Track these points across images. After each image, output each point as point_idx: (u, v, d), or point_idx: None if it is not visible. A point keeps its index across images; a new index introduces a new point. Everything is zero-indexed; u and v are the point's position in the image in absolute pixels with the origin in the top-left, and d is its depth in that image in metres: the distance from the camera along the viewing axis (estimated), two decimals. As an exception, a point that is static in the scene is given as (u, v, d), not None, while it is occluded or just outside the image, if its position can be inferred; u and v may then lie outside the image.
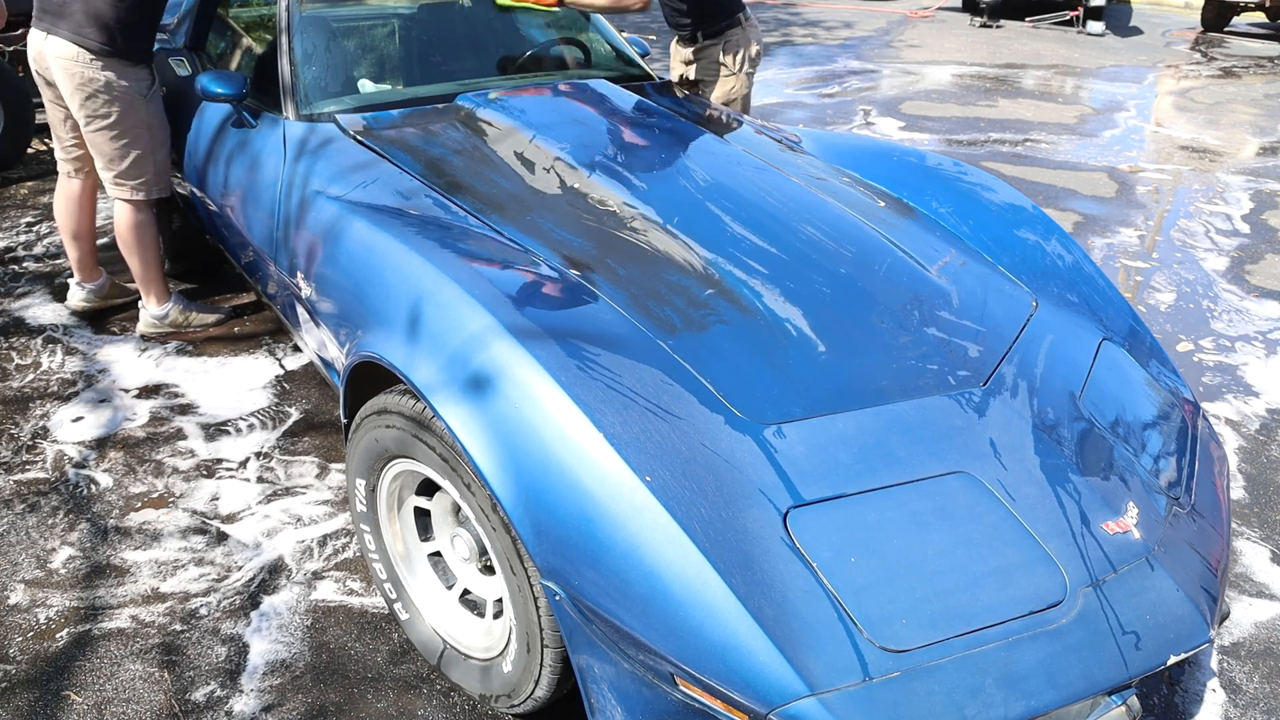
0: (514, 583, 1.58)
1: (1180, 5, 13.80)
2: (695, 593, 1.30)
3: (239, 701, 1.86)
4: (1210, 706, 1.92)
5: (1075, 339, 1.98)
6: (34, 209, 4.44)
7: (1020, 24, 11.51)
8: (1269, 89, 8.22)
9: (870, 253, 2.06)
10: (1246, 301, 3.82)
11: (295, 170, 2.34)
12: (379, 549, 1.96)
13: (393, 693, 1.89)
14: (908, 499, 1.47)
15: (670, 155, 2.27)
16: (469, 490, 1.61)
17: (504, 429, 1.49)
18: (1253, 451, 2.78)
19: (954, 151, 5.85)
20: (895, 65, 8.66)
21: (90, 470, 2.55)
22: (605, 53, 3.15)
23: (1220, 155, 6.00)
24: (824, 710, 1.22)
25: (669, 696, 1.37)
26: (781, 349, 1.71)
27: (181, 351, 3.17)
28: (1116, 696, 1.35)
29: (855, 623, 1.30)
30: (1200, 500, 1.72)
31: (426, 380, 1.60)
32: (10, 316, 3.38)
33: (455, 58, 2.96)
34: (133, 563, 2.22)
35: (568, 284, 1.79)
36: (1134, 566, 1.47)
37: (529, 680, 1.65)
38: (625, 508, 1.37)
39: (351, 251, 1.99)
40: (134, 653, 1.97)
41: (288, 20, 2.63)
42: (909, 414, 1.63)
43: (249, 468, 2.58)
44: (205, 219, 3.00)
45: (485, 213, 2.05)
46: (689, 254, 1.93)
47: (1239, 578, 2.28)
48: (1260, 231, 4.64)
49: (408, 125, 2.46)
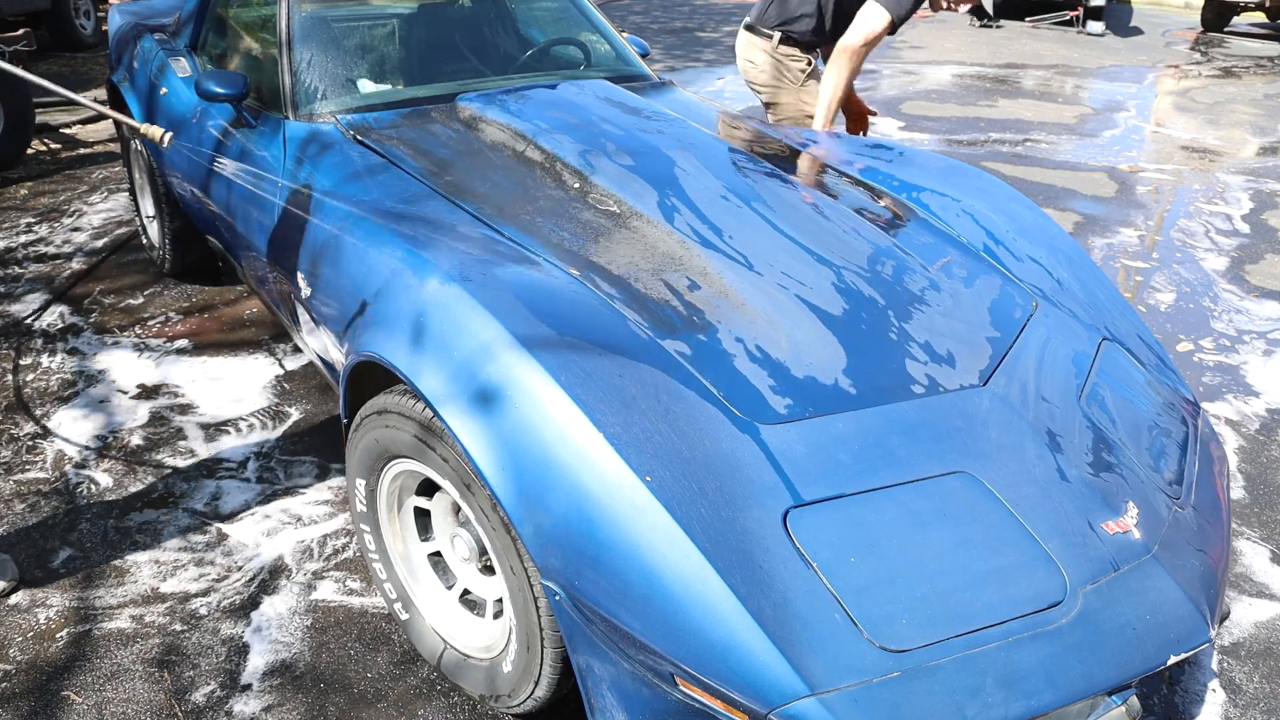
0: (514, 583, 1.58)
1: (1180, 5, 13.80)
2: (695, 593, 1.30)
3: (239, 702, 1.86)
4: (1210, 706, 1.92)
5: (1075, 339, 1.98)
6: (34, 209, 4.44)
7: (1020, 24, 11.51)
8: (1269, 89, 8.22)
9: (870, 252, 2.06)
10: (1246, 301, 3.82)
11: (295, 170, 2.34)
12: (379, 549, 1.96)
13: (393, 693, 1.89)
14: (908, 499, 1.47)
15: (670, 155, 2.27)
16: (469, 490, 1.61)
17: (504, 429, 1.49)
18: (1253, 451, 2.78)
19: (954, 151, 5.85)
20: (895, 65, 8.66)
21: (90, 470, 2.55)
22: (605, 53, 3.15)
23: (1220, 155, 6.00)
24: (824, 710, 1.22)
25: (669, 696, 1.37)
26: (781, 349, 1.71)
27: (182, 352, 3.17)
28: (1116, 696, 1.35)
29: (855, 623, 1.30)
30: (1200, 500, 1.72)
31: (428, 380, 1.60)
32: (10, 317, 3.38)
33: (455, 58, 2.96)
34: (133, 563, 2.22)
35: (568, 285, 1.79)
36: (1134, 566, 1.47)
37: (529, 680, 1.66)
38: (625, 508, 1.37)
39: (351, 252, 1.99)
40: (134, 653, 1.97)
41: (288, 21, 2.63)
42: (909, 414, 1.62)
43: (249, 468, 2.58)
44: (205, 219, 3.00)
45: (485, 213, 2.05)
46: (689, 254, 1.93)
47: (1239, 578, 2.28)
48: (1260, 231, 4.64)
49: (408, 125, 2.46)
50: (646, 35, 9.64)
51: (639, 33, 9.74)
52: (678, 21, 10.80)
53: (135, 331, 3.30)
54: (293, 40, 2.60)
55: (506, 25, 3.18)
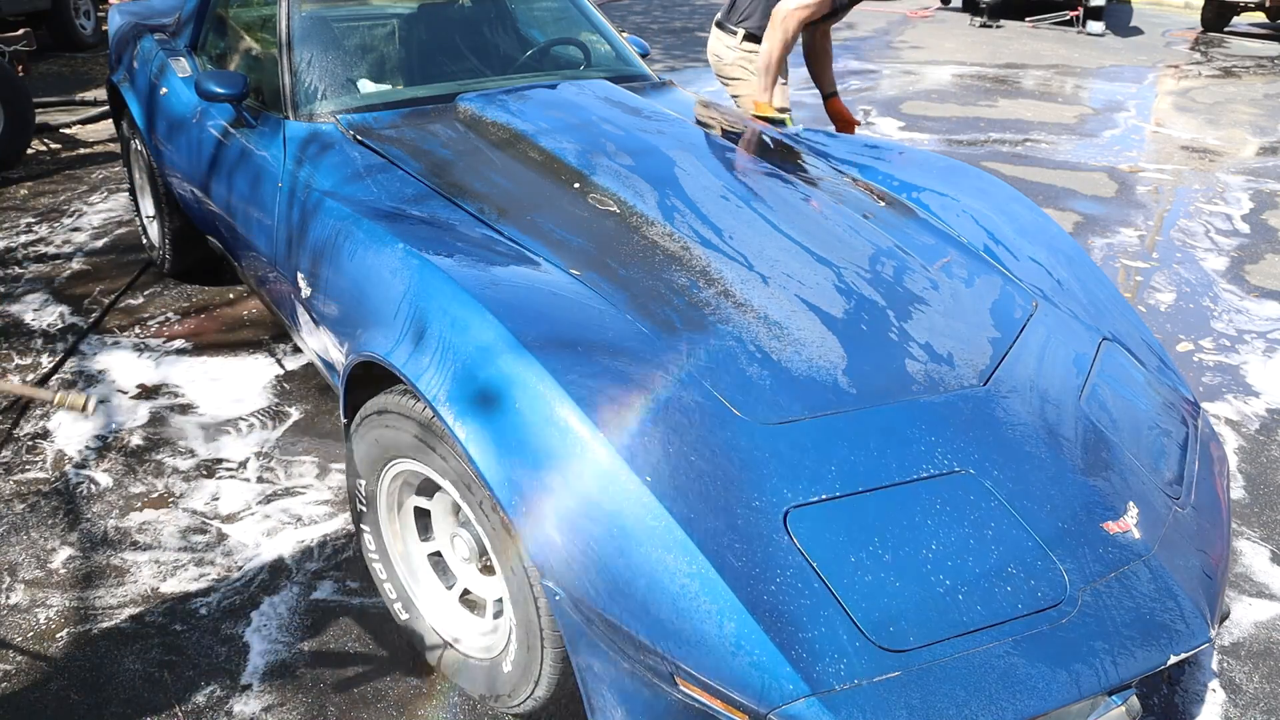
0: (514, 583, 1.58)
1: (1180, 5, 13.81)
2: (695, 593, 1.30)
3: (239, 702, 1.86)
4: (1210, 706, 1.92)
5: (1075, 339, 1.98)
6: (34, 209, 4.44)
7: (1020, 24, 11.51)
8: (1269, 89, 8.22)
9: (870, 253, 2.06)
10: (1246, 301, 3.82)
11: (295, 170, 2.34)
12: (379, 549, 1.96)
13: (393, 693, 1.89)
14: (908, 499, 1.47)
15: (670, 155, 2.28)
16: (469, 490, 1.61)
17: (504, 429, 1.49)
18: (1253, 451, 2.78)
19: (954, 151, 5.85)
20: (895, 65, 8.66)
21: (90, 470, 2.55)
22: (605, 53, 3.15)
23: (1220, 155, 6.00)
24: (824, 710, 1.22)
25: (669, 696, 1.37)
26: (781, 349, 1.71)
27: (182, 352, 3.17)
28: (1116, 696, 1.35)
29: (855, 623, 1.30)
30: (1200, 500, 1.72)
31: (428, 381, 1.60)
32: (10, 317, 3.38)
33: (455, 58, 2.96)
34: (133, 563, 2.22)
35: (568, 285, 1.79)
36: (1134, 566, 1.47)
37: (529, 680, 1.66)
38: (625, 508, 1.37)
39: (351, 252, 1.99)
40: (134, 653, 1.97)
41: (288, 21, 2.63)
42: (909, 414, 1.62)
43: (249, 468, 2.58)
44: (205, 219, 3.00)
45: (485, 213, 2.05)
46: (689, 254, 1.93)
47: (1239, 578, 2.28)
48: (1260, 231, 4.64)
49: (408, 125, 2.46)
50: (646, 35, 9.65)
51: (639, 33, 9.74)
52: (678, 21, 10.80)
53: (135, 331, 3.30)
54: (293, 40, 2.60)
55: (506, 25, 3.18)
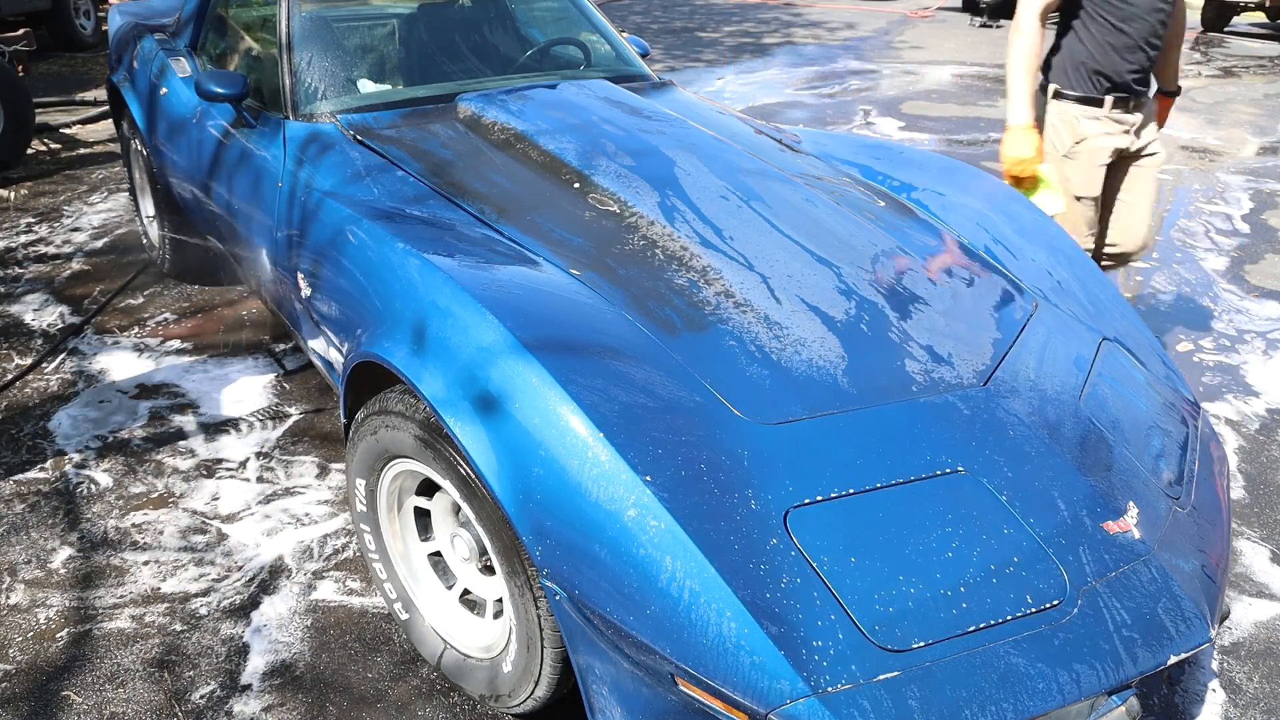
0: (514, 583, 1.58)
1: (1180, 5, 13.78)
2: (695, 593, 1.30)
3: (239, 702, 1.86)
4: (1210, 706, 1.92)
5: (1075, 339, 1.98)
6: (34, 209, 4.44)
7: (1020, 24, 11.49)
8: (1269, 89, 8.22)
9: (870, 253, 2.06)
10: (1246, 301, 3.82)
11: (295, 170, 2.34)
12: (379, 549, 1.96)
13: (393, 693, 1.89)
14: (908, 499, 1.47)
15: (670, 156, 2.27)
16: (469, 490, 1.61)
17: (505, 429, 1.49)
18: (1253, 451, 2.78)
19: (954, 151, 5.85)
20: (895, 65, 8.66)
21: (90, 470, 2.55)
22: (605, 53, 3.15)
23: (1220, 155, 6.00)
24: (824, 710, 1.22)
25: (669, 696, 1.37)
26: (781, 349, 1.71)
27: (181, 352, 3.17)
28: (1116, 696, 1.35)
29: (855, 623, 1.30)
30: (1200, 500, 1.72)
31: (428, 381, 1.60)
32: (11, 317, 3.38)
33: (455, 58, 2.96)
34: (133, 563, 2.22)
35: (568, 285, 1.79)
36: (1134, 566, 1.47)
37: (529, 680, 1.66)
38: (626, 508, 1.37)
39: (352, 252, 1.99)
40: (134, 653, 1.97)
41: (288, 21, 2.63)
42: (909, 414, 1.62)
43: (249, 468, 2.58)
44: (205, 219, 3.00)
45: (485, 213, 2.05)
46: (689, 254, 1.93)
47: (1239, 578, 2.28)
48: (1260, 231, 4.64)
49: (408, 125, 2.46)
50: (646, 35, 9.65)
51: (639, 33, 9.74)
52: (678, 21, 10.80)
53: (135, 331, 3.30)
54: (293, 40, 2.60)
55: (506, 25, 3.18)
